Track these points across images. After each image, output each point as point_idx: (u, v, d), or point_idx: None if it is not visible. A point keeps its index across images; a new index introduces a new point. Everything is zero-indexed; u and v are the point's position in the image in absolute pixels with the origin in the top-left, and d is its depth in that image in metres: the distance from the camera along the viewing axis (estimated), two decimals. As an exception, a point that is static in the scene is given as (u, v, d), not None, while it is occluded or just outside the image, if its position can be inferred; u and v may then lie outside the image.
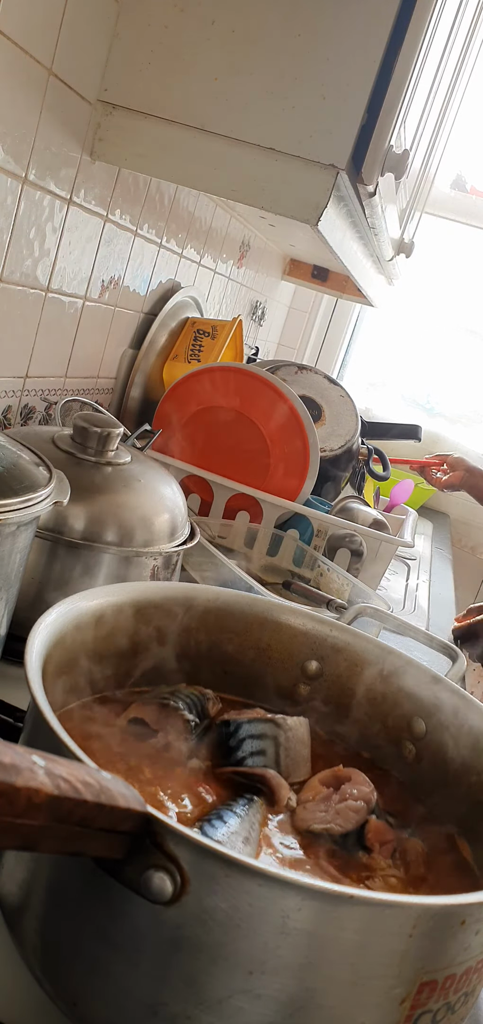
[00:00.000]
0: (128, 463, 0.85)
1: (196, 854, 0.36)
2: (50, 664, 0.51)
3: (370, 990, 0.38)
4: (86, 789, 0.33)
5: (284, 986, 0.37)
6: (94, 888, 0.39)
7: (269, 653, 0.67)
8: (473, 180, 2.65)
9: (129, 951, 0.38)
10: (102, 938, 0.39)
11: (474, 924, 0.40)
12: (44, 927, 0.42)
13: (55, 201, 1.03)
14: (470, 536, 2.79)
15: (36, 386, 1.14)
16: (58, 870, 0.42)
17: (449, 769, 0.60)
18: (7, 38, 0.84)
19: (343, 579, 1.20)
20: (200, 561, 1.04)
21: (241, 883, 0.36)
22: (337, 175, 0.98)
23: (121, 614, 0.60)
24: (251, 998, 0.37)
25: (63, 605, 0.54)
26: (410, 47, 0.96)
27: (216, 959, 0.37)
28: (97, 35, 1.00)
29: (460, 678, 0.80)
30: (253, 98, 0.99)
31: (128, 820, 0.36)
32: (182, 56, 1.01)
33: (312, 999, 0.38)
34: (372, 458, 1.65)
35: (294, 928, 0.37)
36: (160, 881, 0.36)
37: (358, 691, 0.66)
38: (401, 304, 2.67)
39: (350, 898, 0.37)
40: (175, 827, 0.36)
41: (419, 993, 0.39)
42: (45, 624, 0.51)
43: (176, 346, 1.53)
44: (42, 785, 0.31)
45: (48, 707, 0.42)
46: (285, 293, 2.62)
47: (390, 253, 1.57)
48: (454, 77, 1.49)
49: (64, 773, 0.32)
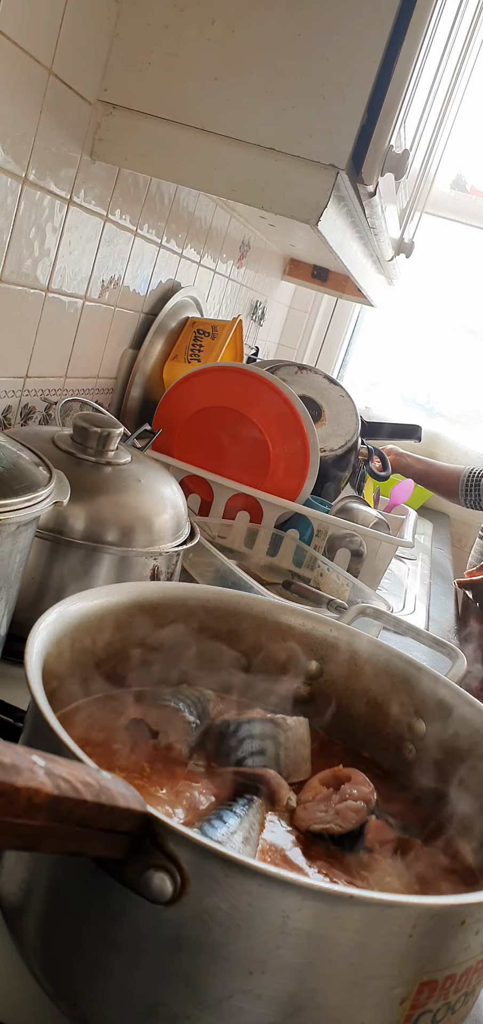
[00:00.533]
0: (128, 463, 0.85)
1: (196, 854, 0.36)
2: (50, 664, 0.51)
3: (370, 990, 0.38)
4: (86, 789, 0.33)
5: (284, 986, 0.37)
6: (94, 888, 0.39)
7: (269, 653, 0.67)
8: (473, 180, 2.65)
9: (129, 951, 0.38)
10: (102, 938, 0.39)
11: (474, 924, 0.40)
12: (44, 927, 0.42)
13: (55, 201, 1.03)
14: (470, 536, 2.79)
15: (36, 386, 1.14)
16: (58, 870, 0.42)
17: (449, 769, 0.60)
18: (7, 38, 0.84)
19: (343, 579, 1.20)
20: (200, 561, 1.04)
21: (241, 883, 0.36)
22: (337, 175, 0.98)
23: (121, 614, 0.60)
24: (251, 998, 0.37)
25: (63, 605, 0.54)
26: (410, 47, 0.96)
27: (216, 959, 0.37)
28: (97, 35, 1.00)
29: (460, 678, 0.80)
30: (253, 98, 0.99)
31: (128, 820, 0.36)
32: (182, 56, 1.01)
33: (312, 999, 0.38)
34: (372, 458, 1.65)
35: (294, 928, 0.37)
36: (160, 881, 0.36)
37: (358, 691, 0.66)
38: (401, 304, 2.67)
39: (350, 898, 0.37)
40: (175, 827, 0.36)
41: (419, 993, 0.39)
42: (45, 624, 0.51)
43: (176, 346, 1.53)
44: (42, 785, 0.31)
45: (48, 707, 0.42)
46: (285, 293, 2.62)
47: (390, 253, 1.57)
48: (454, 77, 1.49)
49: (64, 773, 0.33)
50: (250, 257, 1.99)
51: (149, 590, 0.63)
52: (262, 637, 0.67)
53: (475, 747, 0.59)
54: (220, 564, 1.03)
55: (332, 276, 2.23)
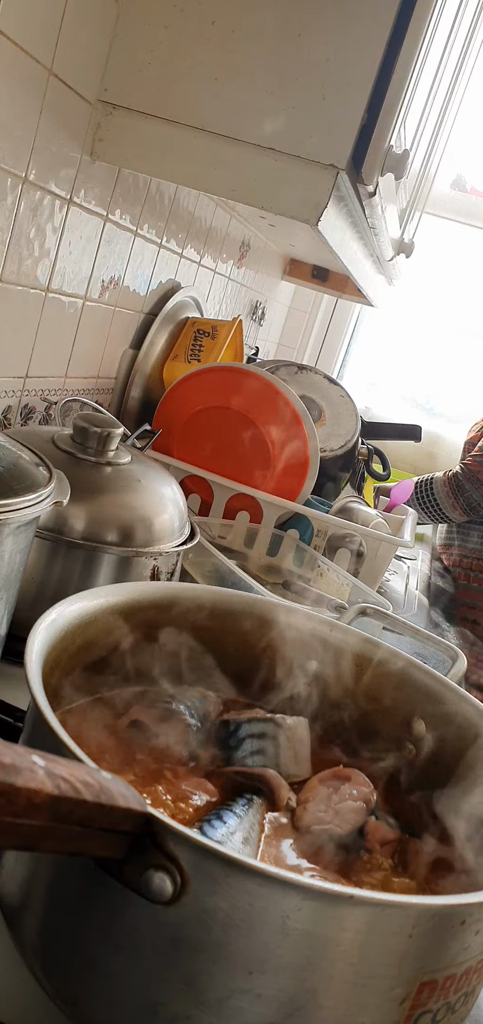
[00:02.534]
0: (128, 463, 0.85)
1: (196, 854, 0.36)
2: (50, 664, 0.51)
3: (370, 990, 0.38)
4: (86, 789, 0.33)
5: (284, 986, 0.37)
6: (94, 888, 0.39)
7: (268, 653, 0.67)
8: (473, 180, 2.65)
9: (129, 951, 0.38)
10: (102, 938, 0.39)
11: (474, 924, 0.40)
12: (44, 927, 0.42)
13: (55, 201, 1.03)
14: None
15: (36, 386, 1.14)
16: (58, 870, 0.41)
17: (449, 769, 0.60)
18: (7, 38, 0.84)
19: (343, 579, 1.20)
20: (200, 561, 1.04)
21: (241, 883, 0.36)
22: (337, 175, 0.98)
23: (121, 614, 0.60)
24: (251, 998, 0.37)
25: (63, 605, 0.54)
26: (410, 47, 0.96)
27: (216, 959, 0.37)
28: (97, 35, 1.00)
29: (460, 678, 0.80)
30: (253, 98, 0.99)
31: (128, 820, 0.36)
32: (182, 56, 1.01)
33: (312, 999, 0.38)
34: (372, 458, 1.65)
35: (294, 928, 0.37)
36: (160, 881, 0.36)
37: (358, 691, 0.66)
38: (401, 304, 2.67)
39: (350, 898, 0.37)
40: (175, 827, 0.36)
41: (419, 993, 0.39)
42: (45, 624, 0.51)
43: (176, 346, 1.53)
44: (42, 785, 0.31)
45: (48, 707, 0.42)
46: (285, 293, 2.61)
47: (390, 253, 1.57)
48: (454, 77, 1.49)
49: (64, 773, 0.32)
50: (250, 257, 1.99)
51: (149, 590, 0.63)
52: (262, 637, 0.67)
53: (475, 746, 0.59)
54: (220, 564, 1.03)
55: (332, 276, 2.23)
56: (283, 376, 1.58)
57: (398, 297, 2.36)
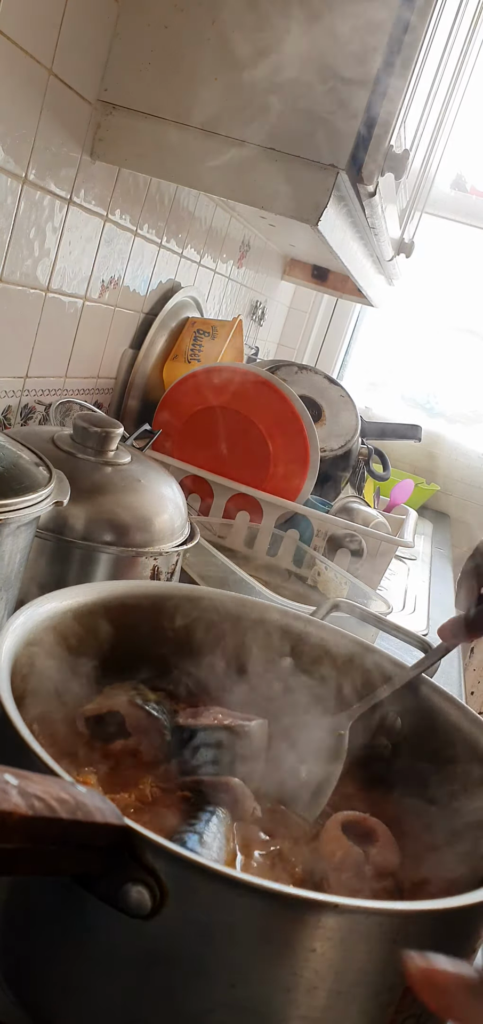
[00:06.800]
0: (128, 463, 0.85)
1: (176, 866, 0.35)
2: (21, 670, 0.49)
3: (355, 997, 0.38)
4: (61, 806, 0.32)
5: (267, 998, 0.36)
6: (70, 902, 0.38)
7: (245, 650, 0.65)
8: (473, 180, 2.65)
9: (108, 967, 0.37)
10: (79, 954, 0.38)
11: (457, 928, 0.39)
12: (19, 945, 0.41)
13: (55, 201, 1.03)
14: (470, 536, 2.78)
15: (36, 386, 1.14)
16: (32, 884, 0.40)
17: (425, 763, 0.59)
18: (7, 38, 0.84)
19: (342, 579, 1.20)
20: (200, 561, 1.04)
21: (222, 894, 0.35)
22: (337, 175, 0.98)
23: (91, 614, 0.58)
24: (234, 1011, 0.36)
25: (33, 607, 0.53)
26: (410, 47, 0.96)
27: (197, 972, 0.36)
28: (97, 35, 1.00)
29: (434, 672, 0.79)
30: (253, 98, 0.99)
31: (105, 834, 0.35)
32: (182, 56, 1.01)
33: (296, 1011, 0.37)
34: (372, 458, 1.65)
35: (277, 938, 0.36)
36: (138, 895, 0.35)
37: (331, 686, 0.64)
38: (401, 304, 2.66)
39: (335, 907, 0.36)
40: (155, 839, 0.35)
41: (404, 998, 0.39)
42: (14, 627, 0.49)
43: (176, 346, 1.53)
44: (16, 807, 0.30)
45: (19, 717, 0.41)
46: (285, 293, 2.61)
47: (390, 253, 1.57)
48: (454, 77, 1.49)
49: (38, 791, 0.31)
50: (250, 257, 1.99)
51: (119, 589, 0.62)
52: (238, 634, 0.66)
53: (449, 741, 0.58)
54: (220, 564, 1.03)
55: (332, 276, 2.23)
56: (283, 376, 1.58)
57: (398, 297, 2.36)
